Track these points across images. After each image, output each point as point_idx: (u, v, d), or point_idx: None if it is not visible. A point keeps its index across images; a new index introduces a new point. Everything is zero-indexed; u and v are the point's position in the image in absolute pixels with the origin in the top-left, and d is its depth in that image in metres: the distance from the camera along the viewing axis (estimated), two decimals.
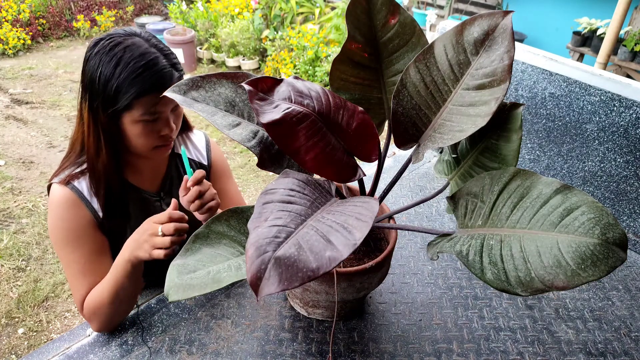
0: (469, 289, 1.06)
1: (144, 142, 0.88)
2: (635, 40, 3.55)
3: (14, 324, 2.04)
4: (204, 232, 0.72)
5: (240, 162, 3.30)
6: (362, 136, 0.74)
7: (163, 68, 0.83)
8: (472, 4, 4.76)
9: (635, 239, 1.22)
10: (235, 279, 0.66)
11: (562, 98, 1.24)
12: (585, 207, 0.60)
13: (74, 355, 0.88)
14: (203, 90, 0.76)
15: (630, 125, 1.14)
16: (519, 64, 1.29)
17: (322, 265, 0.51)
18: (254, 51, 4.71)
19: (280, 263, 0.51)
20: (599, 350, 0.93)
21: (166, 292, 0.65)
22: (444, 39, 0.75)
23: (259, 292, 0.50)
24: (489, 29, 0.72)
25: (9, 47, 4.93)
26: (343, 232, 0.56)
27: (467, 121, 0.72)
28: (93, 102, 0.84)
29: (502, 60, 0.70)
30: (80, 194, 0.89)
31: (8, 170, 3.09)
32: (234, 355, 0.88)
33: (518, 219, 0.65)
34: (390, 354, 0.90)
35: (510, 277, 0.60)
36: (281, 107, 0.66)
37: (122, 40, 0.83)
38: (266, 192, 0.60)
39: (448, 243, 0.70)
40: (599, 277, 0.55)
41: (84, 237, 0.90)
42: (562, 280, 0.56)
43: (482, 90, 0.72)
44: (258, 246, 0.52)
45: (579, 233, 0.59)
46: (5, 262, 2.35)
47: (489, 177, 0.71)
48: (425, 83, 0.76)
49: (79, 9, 5.81)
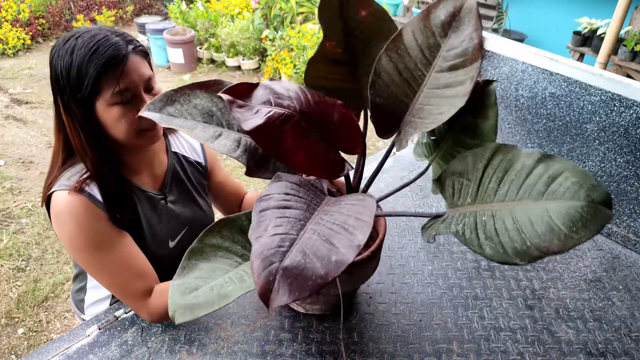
0: (469, 289, 1.06)
1: (126, 126, 0.86)
2: (636, 40, 3.55)
3: (13, 324, 2.04)
4: (197, 247, 0.70)
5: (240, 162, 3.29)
6: (345, 130, 0.74)
7: (116, 42, 0.83)
8: None
9: (636, 239, 1.22)
10: (242, 291, 0.64)
11: (563, 98, 1.23)
12: (567, 172, 0.62)
13: (74, 355, 0.88)
14: (178, 104, 0.75)
15: (630, 125, 1.14)
16: (519, 64, 1.29)
17: (330, 270, 0.51)
18: (254, 51, 4.71)
19: (289, 273, 0.51)
20: (599, 351, 0.93)
21: (171, 315, 0.63)
22: (412, 25, 0.76)
23: (270, 304, 0.50)
24: (454, 10, 0.73)
25: (8, 47, 4.93)
26: (344, 234, 0.55)
27: (446, 103, 0.73)
28: (64, 98, 0.84)
29: (471, 39, 0.71)
30: (94, 197, 0.87)
31: (8, 170, 3.09)
32: (234, 355, 0.88)
33: (506, 192, 0.67)
34: (390, 354, 0.90)
35: (508, 249, 0.61)
36: (262, 111, 0.65)
37: (75, 33, 0.85)
38: (261, 199, 0.60)
39: (443, 224, 0.70)
40: (591, 237, 0.57)
41: (111, 236, 0.88)
42: (556, 244, 0.58)
43: (456, 71, 0.73)
44: (263, 258, 0.52)
45: (566, 198, 0.61)
46: (5, 262, 2.35)
47: (472, 155, 0.72)
48: (398, 70, 0.77)
49: (79, 8, 5.81)
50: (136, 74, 0.85)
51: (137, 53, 0.86)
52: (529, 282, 1.09)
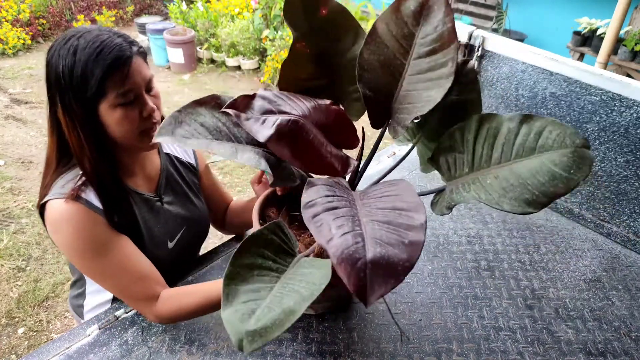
0: (469, 288, 1.06)
1: (128, 128, 0.86)
2: (636, 40, 3.55)
3: (14, 324, 2.04)
4: (232, 271, 0.66)
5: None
6: (341, 127, 0.78)
7: (120, 44, 0.84)
8: (471, 4, 4.76)
9: (635, 239, 1.22)
10: (308, 302, 0.59)
11: (563, 98, 1.24)
12: (550, 127, 0.72)
13: (74, 355, 0.88)
14: (186, 124, 0.75)
15: (630, 125, 1.14)
16: (519, 64, 1.29)
17: (411, 253, 0.53)
18: (254, 51, 4.71)
19: (377, 265, 0.52)
20: (599, 350, 0.93)
21: (237, 345, 0.57)
22: (384, 18, 0.81)
23: (368, 299, 0.51)
24: (422, 0, 0.78)
25: (8, 47, 4.93)
26: (403, 218, 0.58)
27: (432, 85, 0.78)
28: (64, 98, 0.84)
29: (444, 24, 0.77)
30: (91, 204, 0.86)
31: (8, 170, 3.09)
32: (234, 355, 0.88)
33: (500, 155, 0.75)
34: (390, 354, 0.90)
35: (521, 201, 0.69)
36: (269, 120, 0.67)
37: (75, 32, 0.84)
38: (306, 207, 0.60)
39: (455, 195, 0.75)
40: (587, 175, 0.67)
41: (110, 240, 0.88)
42: (561, 187, 0.67)
43: (435, 55, 0.78)
44: (346, 257, 0.52)
45: (555, 148, 0.70)
46: (5, 262, 2.35)
47: (459, 130, 0.79)
48: (379, 62, 0.81)
49: (79, 9, 5.81)
50: (139, 75, 0.85)
51: (139, 54, 0.87)
52: (529, 281, 1.09)
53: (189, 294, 0.90)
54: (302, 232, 0.90)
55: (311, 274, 0.63)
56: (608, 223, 1.26)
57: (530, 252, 1.18)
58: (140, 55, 0.87)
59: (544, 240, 1.23)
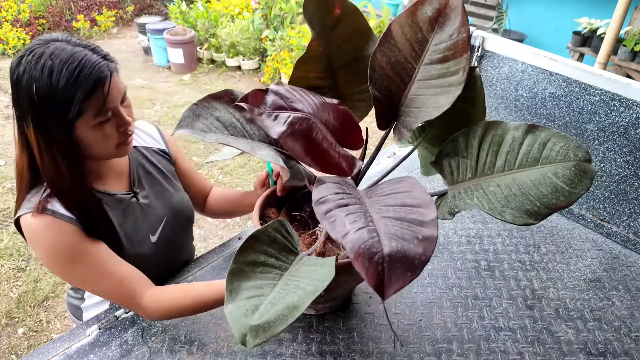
0: (469, 289, 1.06)
1: (107, 144, 0.86)
2: (635, 40, 3.55)
3: (14, 324, 2.04)
4: (235, 267, 0.67)
5: (240, 162, 3.30)
6: (347, 126, 0.78)
7: (97, 62, 0.80)
8: (472, 4, 4.76)
9: (635, 239, 1.22)
10: (311, 297, 0.60)
11: (562, 98, 1.24)
12: (554, 138, 0.72)
13: (74, 355, 0.88)
14: (203, 118, 0.77)
15: (630, 125, 1.14)
16: (519, 64, 1.29)
17: (426, 247, 0.54)
18: (254, 51, 4.71)
19: (394, 259, 0.53)
20: (599, 350, 0.93)
21: (241, 340, 0.57)
22: (399, 21, 0.80)
23: (386, 292, 0.51)
24: (439, 6, 0.78)
25: (9, 47, 4.94)
26: (415, 214, 0.58)
27: (441, 92, 0.78)
28: (39, 123, 0.81)
29: (460, 33, 0.76)
30: (59, 214, 0.85)
31: (8, 170, 3.09)
32: (234, 355, 0.88)
33: (504, 163, 0.75)
34: (390, 354, 0.90)
35: (522, 212, 0.69)
36: (281, 117, 0.68)
37: (44, 50, 0.79)
38: (318, 203, 0.61)
39: (458, 201, 0.75)
40: (587, 189, 0.67)
41: (84, 247, 0.88)
42: (562, 200, 0.67)
43: (447, 62, 0.78)
44: (362, 252, 0.53)
45: (559, 160, 0.71)
46: (5, 262, 2.35)
47: (463, 135, 0.80)
48: (390, 64, 0.81)
49: (79, 9, 5.81)
50: (117, 91, 0.83)
51: (114, 69, 0.84)
52: (529, 282, 1.09)
53: (180, 295, 0.90)
54: (303, 232, 0.90)
55: (315, 271, 0.63)
56: (608, 223, 1.26)
57: (530, 252, 1.18)
58: (115, 69, 0.84)
59: (544, 240, 1.23)
